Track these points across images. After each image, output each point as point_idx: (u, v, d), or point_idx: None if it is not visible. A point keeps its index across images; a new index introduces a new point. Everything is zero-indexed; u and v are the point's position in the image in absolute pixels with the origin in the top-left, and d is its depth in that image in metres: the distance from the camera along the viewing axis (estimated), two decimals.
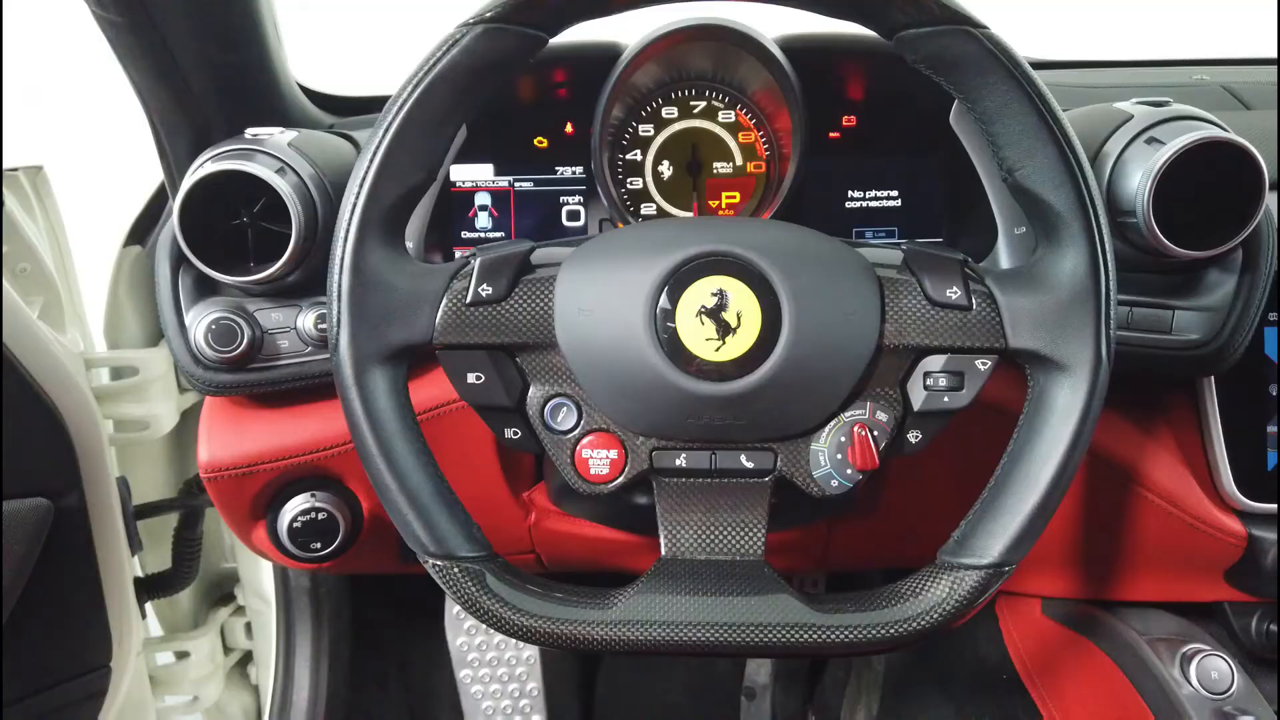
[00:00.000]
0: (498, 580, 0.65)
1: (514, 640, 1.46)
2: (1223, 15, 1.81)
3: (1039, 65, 0.64)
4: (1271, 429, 0.86)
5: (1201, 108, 0.80)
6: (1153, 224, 0.75)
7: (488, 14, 0.62)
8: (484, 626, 1.38)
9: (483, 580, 0.64)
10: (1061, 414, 0.63)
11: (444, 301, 0.65)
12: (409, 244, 0.90)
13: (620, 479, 0.68)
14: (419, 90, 0.63)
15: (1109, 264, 0.64)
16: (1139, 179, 0.76)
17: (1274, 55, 1.41)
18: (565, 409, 0.68)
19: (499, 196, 0.99)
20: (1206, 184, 0.76)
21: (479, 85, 0.64)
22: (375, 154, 0.63)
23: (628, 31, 0.90)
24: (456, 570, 0.64)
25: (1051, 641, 1.11)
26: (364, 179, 0.63)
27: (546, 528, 1.03)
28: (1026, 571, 1.09)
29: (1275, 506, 0.88)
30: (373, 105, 1.12)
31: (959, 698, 1.24)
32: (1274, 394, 0.86)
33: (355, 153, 0.89)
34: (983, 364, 0.66)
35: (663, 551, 0.68)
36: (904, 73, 0.69)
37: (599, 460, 0.68)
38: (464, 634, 1.49)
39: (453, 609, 1.49)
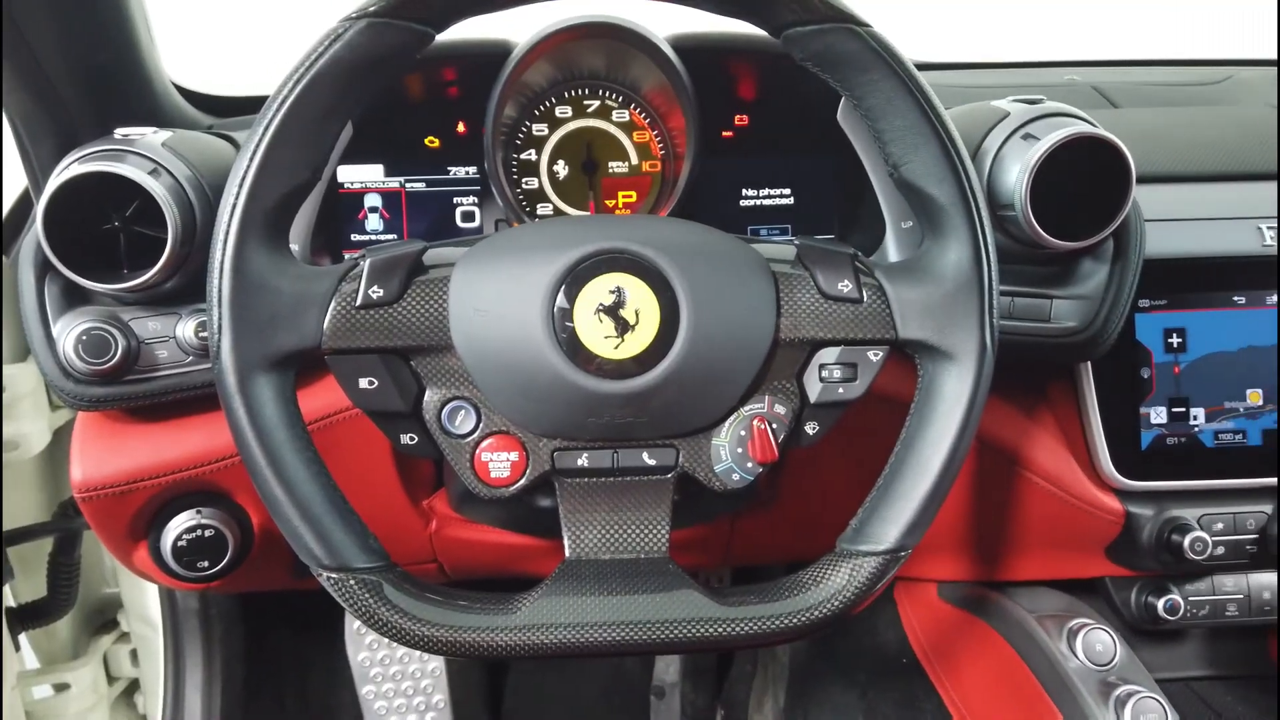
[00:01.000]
0: (396, 591, 0.63)
1: (417, 652, 1.43)
2: (1091, 20, 1.90)
3: (921, 66, 0.66)
4: (1144, 410, 0.91)
5: (1072, 106, 0.84)
6: (1030, 216, 0.79)
7: (371, 8, 0.60)
8: (386, 640, 1.35)
9: (380, 591, 0.62)
10: (950, 401, 0.65)
11: (332, 304, 0.63)
12: (294, 247, 0.87)
13: (522, 481, 0.67)
14: (300, 86, 0.61)
15: (990, 255, 0.66)
16: (1016, 173, 0.79)
17: (1131, 58, 1.49)
18: (463, 412, 0.66)
19: (390, 198, 0.96)
20: (1079, 178, 0.79)
21: (364, 82, 0.62)
22: (255, 152, 0.61)
23: (518, 29, 0.89)
24: (352, 582, 0.62)
25: (947, 623, 1.14)
26: (244, 178, 0.61)
27: (448, 535, 1.01)
28: (922, 557, 1.12)
29: (1150, 484, 0.92)
30: (254, 105, 1.07)
31: (861, 683, 1.27)
32: (1145, 377, 0.91)
33: (235, 153, 0.86)
34: (875, 355, 0.68)
35: (567, 553, 0.68)
36: (793, 71, 0.70)
37: (499, 463, 0.67)
38: (365, 649, 1.45)
39: (353, 623, 1.45)
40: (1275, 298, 0.91)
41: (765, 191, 0.99)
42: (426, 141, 0.96)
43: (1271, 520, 0.95)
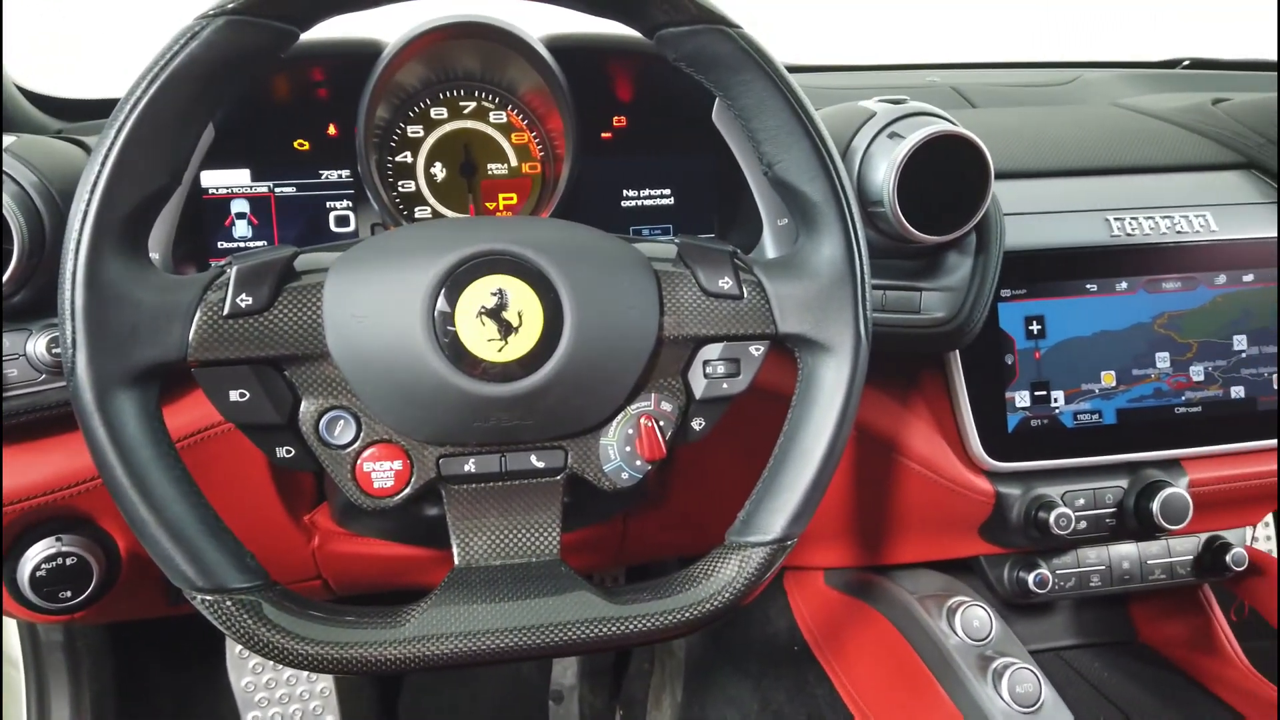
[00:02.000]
0: (276, 610, 0.60)
1: (304, 673, 1.38)
2: (949, 25, 1.99)
3: (790, 69, 0.68)
4: (1009, 395, 0.96)
5: (934, 106, 0.88)
6: (898, 212, 0.82)
7: (230, 4, 0.58)
8: (270, 662, 1.29)
9: (259, 611, 0.60)
10: (829, 392, 0.67)
11: (198, 314, 0.60)
12: (154, 256, 0.82)
13: (407, 490, 0.66)
14: (155, 87, 0.57)
15: (862, 251, 0.68)
16: (884, 171, 0.82)
17: (987, 61, 1.57)
18: (342, 422, 0.64)
19: (258, 203, 0.93)
20: (942, 175, 0.83)
21: (223, 82, 0.59)
22: (108, 156, 0.57)
23: (388, 28, 0.87)
24: (229, 603, 0.59)
25: (834, 609, 1.18)
26: (95, 184, 0.57)
27: (332, 550, 0.98)
28: (808, 545, 1.15)
29: (1016, 465, 0.97)
30: (106, 109, 1.02)
31: (755, 673, 1.29)
32: (1009, 363, 0.95)
33: (86, 159, 0.81)
34: (756, 349, 0.69)
35: (456, 561, 0.66)
36: (669, 72, 0.71)
37: (382, 473, 0.65)
38: (249, 673, 1.39)
39: (234, 648, 1.38)
40: (1125, 285, 0.97)
41: (646, 192, 1.00)
42: (295, 144, 0.93)
43: (1128, 494, 1.01)
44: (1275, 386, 1.00)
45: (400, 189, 0.94)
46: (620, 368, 0.66)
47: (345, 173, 0.94)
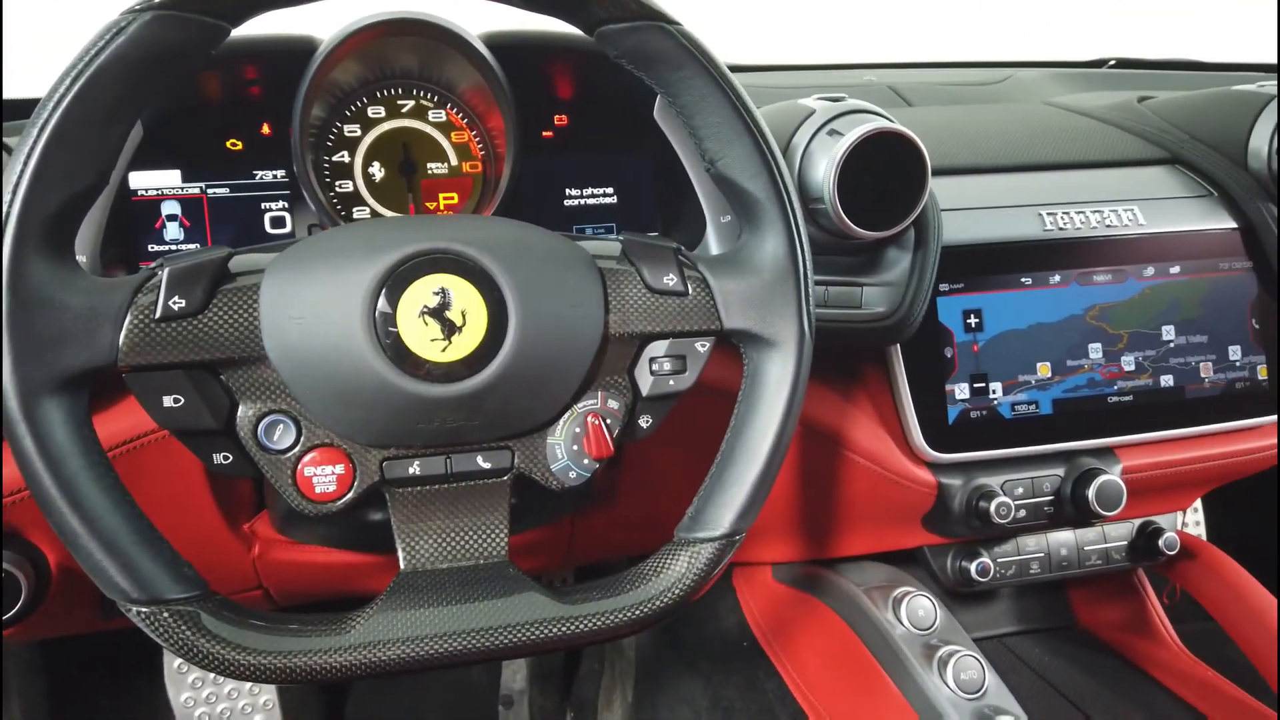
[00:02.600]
0: (216, 620, 0.59)
1: (246, 685, 1.35)
2: (885, 26, 2.02)
3: (731, 68, 0.68)
4: (949, 387, 0.97)
5: (872, 104, 0.89)
6: (839, 208, 0.82)
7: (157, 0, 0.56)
8: (210, 675, 1.27)
9: (198, 622, 0.58)
10: (774, 387, 0.68)
11: (128, 318, 0.58)
12: (81, 259, 0.80)
13: (350, 495, 0.64)
14: (79, 84, 0.56)
15: (804, 246, 0.69)
16: (824, 168, 0.83)
17: (922, 60, 1.59)
18: (282, 426, 0.63)
19: (190, 205, 0.90)
20: (881, 172, 0.84)
21: (151, 79, 0.58)
22: (30, 156, 0.55)
23: (323, 25, 0.85)
24: (166, 615, 0.58)
25: (783, 604, 1.18)
26: (17, 185, 0.55)
27: (273, 559, 0.96)
28: (756, 541, 1.15)
29: (957, 456, 0.99)
30: (27, 109, 0.98)
31: (706, 671, 1.30)
32: (949, 356, 0.97)
33: (6, 159, 0.78)
34: (702, 346, 0.69)
35: (401, 565, 0.65)
36: (611, 70, 0.70)
37: (324, 477, 0.64)
38: (188, 688, 1.36)
39: (173, 661, 1.35)
40: (1058, 278, 0.99)
41: (589, 190, 1.00)
42: (228, 144, 0.91)
43: (1065, 482, 1.03)
44: (1202, 375, 1.03)
45: (338, 189, 0.92)
46: (566, 366, 0.66)
47: (280, 173, 0.92)
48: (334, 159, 0.91)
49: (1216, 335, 1.03)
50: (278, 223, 0.93)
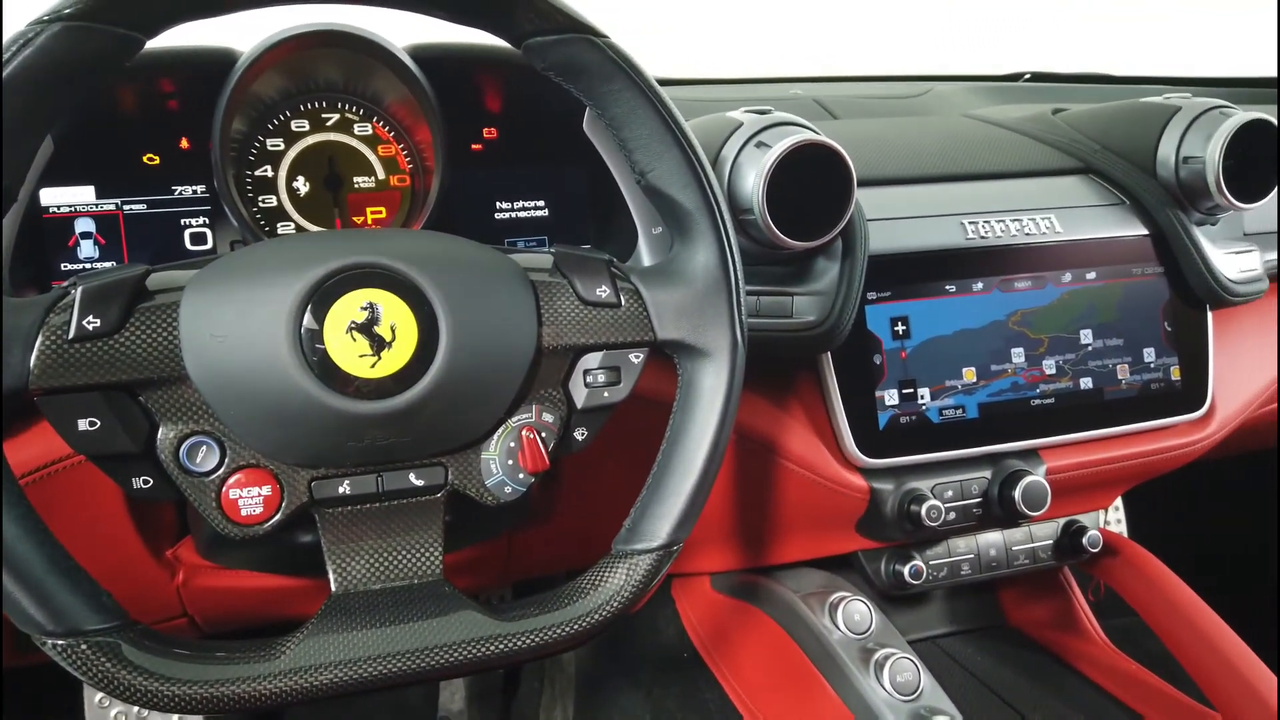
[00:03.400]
0: (137, 650, 0.57)
1: (173, 716, 1.30)
2: (810, 41, 2.06)
3: (660, 82, 0.68)
4: (879, 394, 0.99)
5: (798, 117, 0.90)
6: (768, 219, 0.84)
7: (67, 9, 0.54)
8: (134, 709, 1.22)
9: (118, 653, 0.56)
10: (709, 396, 0.68)
11: (40, 339, 0.56)
12: None
13: (277, 517, 0.63)
14: None
15: (735, 257, 0.69)
16: (753, 179, 0.84)
17: (845, 75, 1.63)
18: (205, 448, 0.61)
19: (105, 222, 0.87)
20: (808, 183, 0.85)
21: (60, 93, 0.56)
22: None
23: (243, 37, 0.83)
24: (85, 647, 0.55)
25: (722, 613, 1.19)
26: None
27: (199, 586, 0.93)
28: (694, 551, 1.16)
29: (888, 461, 1.00)
30: None
31: (646, 683, 1.29)
32: (878, 363, 0.99)
33: None
34: (636, 357, 0.69)
35: (333, 588, 0.64)
36: (539, 82, 0.70)
37: (250, 500, 0.62)
38: None
39: (94, 695, 1.29)
40: (980, 285, 1.02)
41: (519, 203, 0.99)
42: (145, 159, 0.88)
43: (992, 484, 1.06)
44: (1119, 377, 1.07)
45: (261, 204, 0.90)
46: (499, 380, 0.65)
47: (200, 188, 0.89)
48: (256, 173, 0.89)
49: (1131, 338, 1.07)
50: (198, 239, 0.90)
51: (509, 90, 0.96)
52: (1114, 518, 1.94)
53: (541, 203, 1.00)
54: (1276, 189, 1.03)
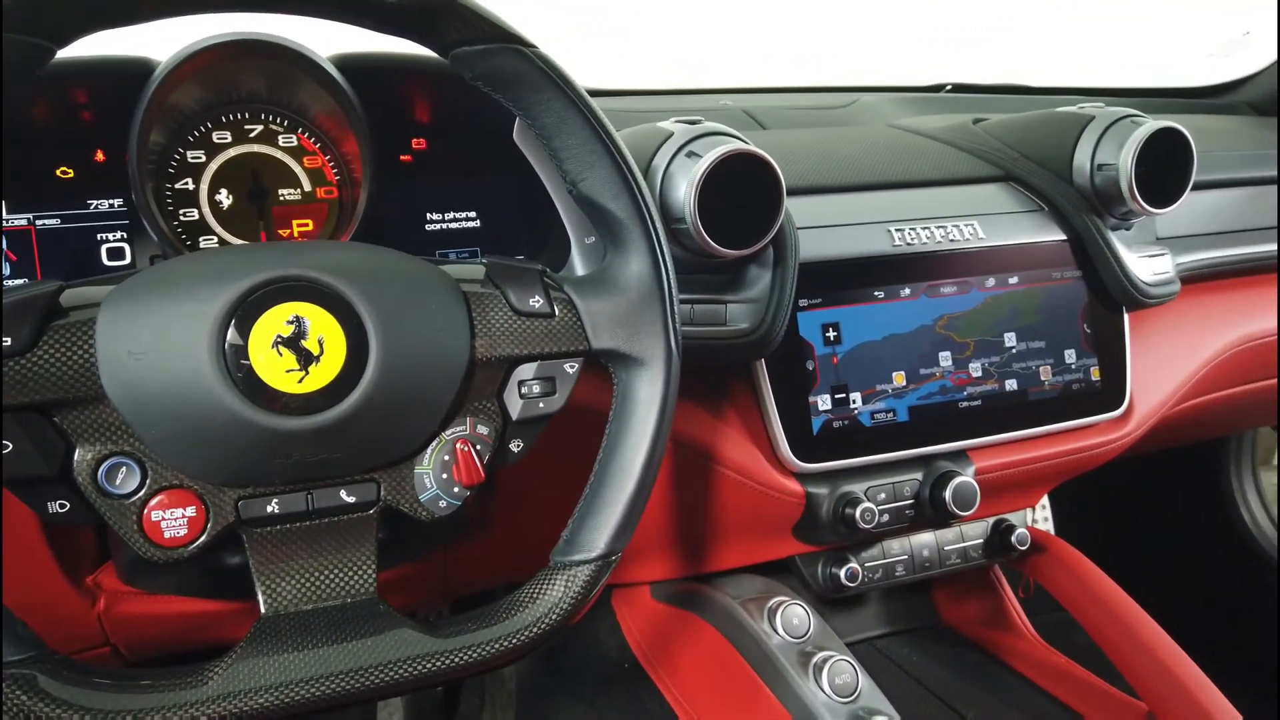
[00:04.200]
0: (55, 681, 0.54)
1: None
2: (740, 53, 2.08)
3: (589, 93, 0.68)
4: (812, 399, 1.00)
5: (728, 127, 0.91)
6: (700, 227, 0.84)
7: None
8: None
9: (34, 685, 0.54)
10: (644, 405, 0.68)
11: None
12: None
13: (202, 538, 0.61)
14: None
15: (668, 265, 0.70)
16: (684, 189, 0.84)
17: (774, 86, 1.65)
18: (125, 469, 0.59)
19: (17, 238, 0.84)
20: (739, 192, 0.86)
21: None
22: None
23: (161, 46, 0.81)
24: None
25: (662, 622, 1.19)
26: None
27: (121, 613, 0.90)
28: (633, 561, 1.16)
29: (822, 465, 1.02)
30: None
31: (588, 695, 1.28)
32: (810, 369, 1.00)
33: None
34: (571, 367, 0.69)
35: (262, 609, 0.62)
36: (468, 92, 0.70)
37: (174, 521, 0.60)
38: None
39: None
40: (908, 290, 1.04)
41: (450, 214, 0.98)
42: (58, 172, 0.85)
43: (923, 485, 1.08)
44: (1042, 379, 1.10)
45: (182, 218, 0.87)
46: (432, 393, 0.64)
47: (118, 202, 0.87)
48: (177, 186, 0.87)
49: (1053, 340, 1.10)
50: (116, 254, 0.87)
51: (437, 100, 0.95)
52: (1041, 516, 2.00)
53: (473, 213, 0.99)
54: (1187, 194, 1.07)
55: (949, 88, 1.68)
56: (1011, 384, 1.09)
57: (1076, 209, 1.10)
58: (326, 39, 0.83)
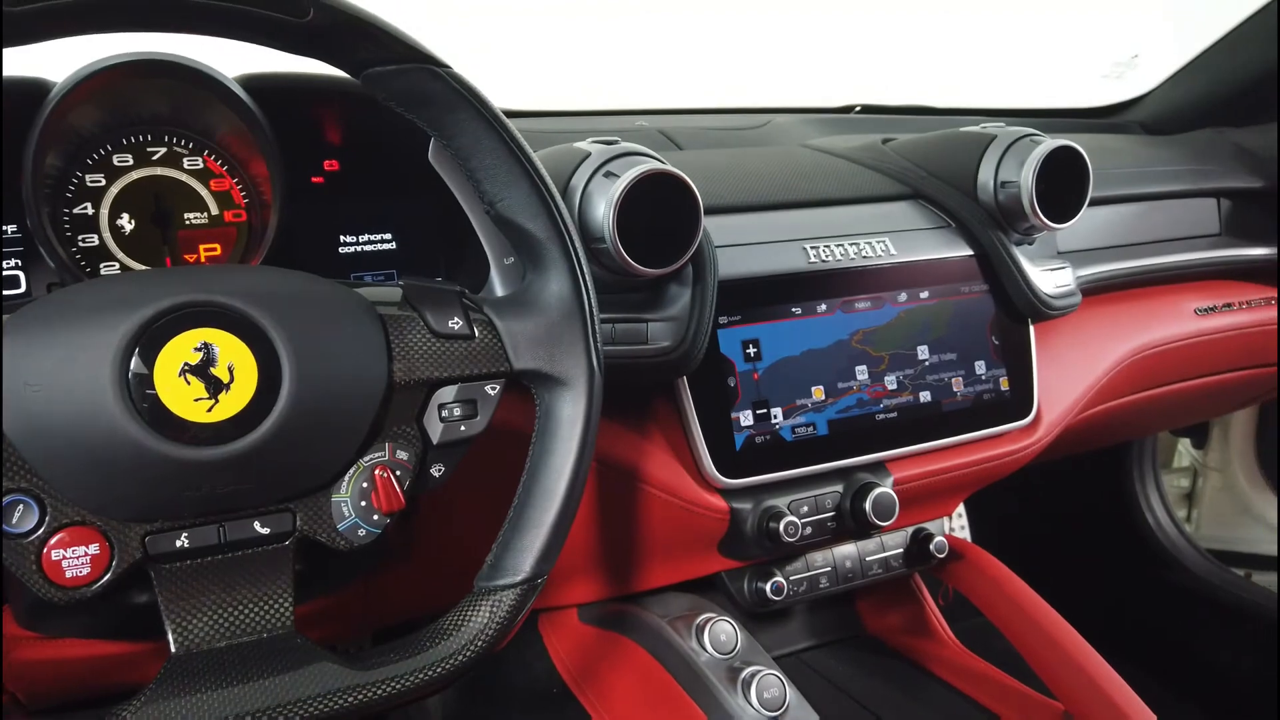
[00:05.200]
0: None
1: None
2: (657, 75, 2.10)
3: (506, 114, 0.68)
4: (734, 415, 1.01)
5: (644, 147, 0.92)
6: (619, 247, 0.84)
7: None
8: None
9: None
10: (568, 425, 0.68)
11: None
12: None
13: (107, 577, 0.58)
14: None
15: (589, 285, 0.70)
16: (603, 208, 0.85)
17: (689, 107, 1.67)
18: (22, 506, 0.56)
19: None
20: (657, 211, 0.87)
21: None
22: None
23: (57, 66, 0.78)
24: None
25: (590, 645, 1.18)
26: None
27: (20, 659, 0.85)
28: (559, 584, 1.14)
29: (746, 480, 1.02)
30: None
31: None
32: (732, 385, 1.01)
33: None
34: (492, 389, 0.68)
35: (173, 649, 0.60)
36: (381, 112, 0.69)
37: (75, 560, 0.57)
38: None
39: None
40: (824, 306, 1.06)
41: (365, 236, 0.97)
42: None
43: (844, 497, 1.09)
44: (955, 390, 1.13)
45: (81, 244, 0.84)
46: (348, 419, 0.63)
47: (12, 228, 0.83)
48: (75, 211, 0.84)
49: (964, 352, 1.14)
50: (11, 283, 0.83)
51: (350, 121, 0.94)
52: (958, 524, 2.05)
53: (388, 235, 0.98)
54: (1084, 210, 1.12)
55: (858, 109, 1.73)
56: (925, 395, 1.11)
57: (982, 225, 1.14)
58: (234, 59, 0.81)
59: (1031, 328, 1.19)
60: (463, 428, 0.68)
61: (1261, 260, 1.44)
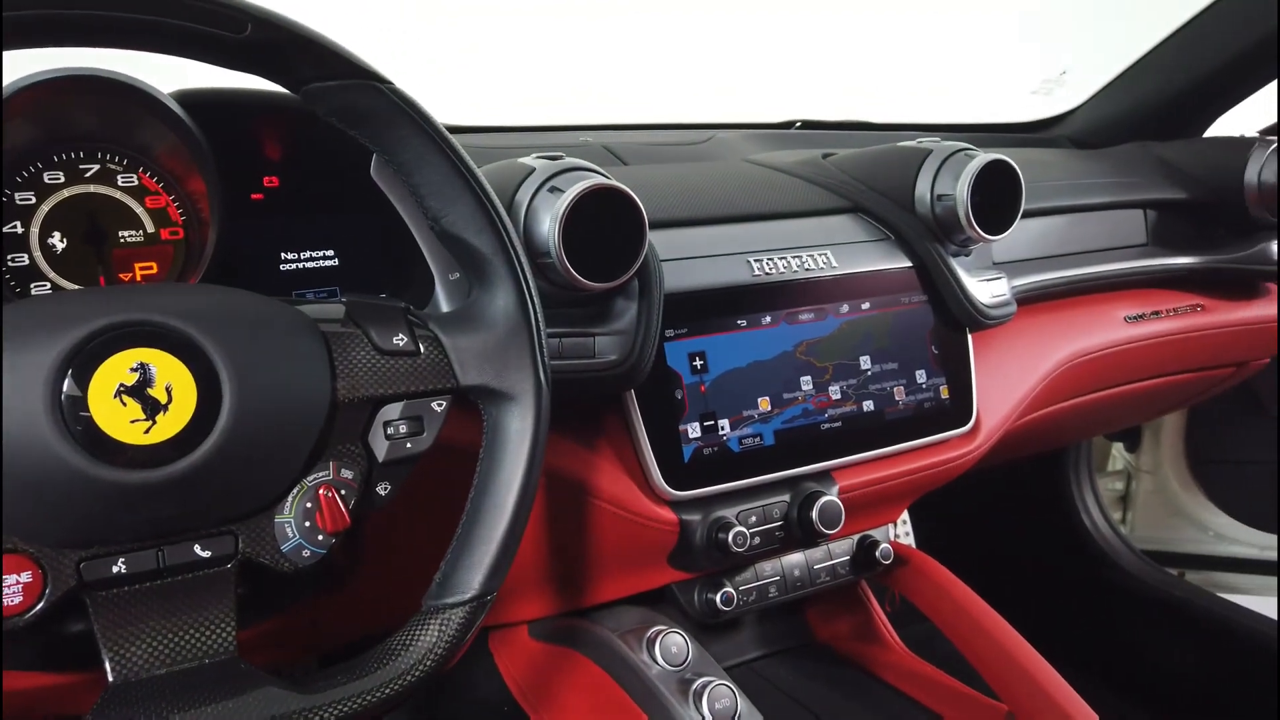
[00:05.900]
0: None
1: None
2: (604, 92, 2.12)
3: (448, 129, 0.68)
4: (682, 427, 1.02)
5: (590, 163, 0.92)
6: (565, 261, 0.85)
7: None
8: None
9: None
10: (515, 441, 0.68)
11: None
12: None
13: (39, 606, 0.56)
14: None
15: (535, 299, 0.70)
16: (548, 223, 0.85)
17: (633, 123, 1.68)
18: None
19: None
20: (602, 226, 0.87)
21: None
22: None
23: None
24: None
25: (541, 662, 1.17)
26: None
27: None
28: (509, 600, 1.14)
29: (694, 492, 1.03)
30: None
31: None
32: (679, 398, 1.01)
33: None
34: (438, 405, 0.68)
35: (110, 678, 0.58)
36: (322, 128, 0.68)
37: (7, 589, 0.56)
38: None
39: None
40: (769, 318, 1.07)
41: (307, 253, 0.95)
42: None
43: (791, 506, 1.10)
44: (897, 399, 1.15)
45: (10, 263, 0.82)
46: (291, 438, 0.62)
47: None
48: (4, 230, 0.81)
49: (905, 362, 1.16)
50: None
51: (290, 137, 0.92)
52: (902, 530, 2.08)
53: (330, 252, 0.97)
54: (1018, 222, 1.15)
55: (799, 124, 1.76)
56: (869, 405, 1.13)
57: (920, 237, 1.16)
58: (170, 75, 0.80)
59: (970, 337, 1.21)
60: (409, 445, 0.68)
61: (1186, 269, 1.50)
